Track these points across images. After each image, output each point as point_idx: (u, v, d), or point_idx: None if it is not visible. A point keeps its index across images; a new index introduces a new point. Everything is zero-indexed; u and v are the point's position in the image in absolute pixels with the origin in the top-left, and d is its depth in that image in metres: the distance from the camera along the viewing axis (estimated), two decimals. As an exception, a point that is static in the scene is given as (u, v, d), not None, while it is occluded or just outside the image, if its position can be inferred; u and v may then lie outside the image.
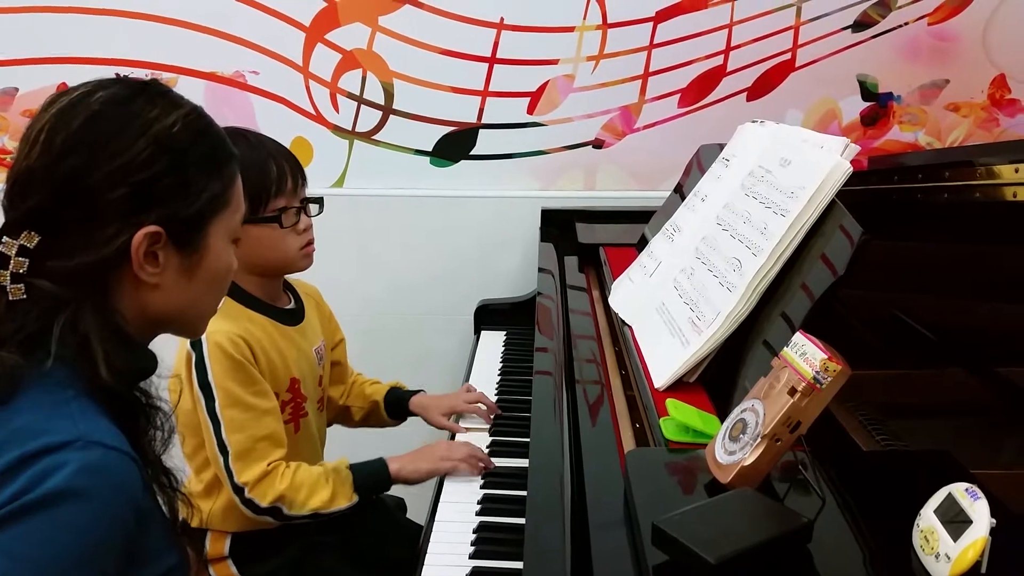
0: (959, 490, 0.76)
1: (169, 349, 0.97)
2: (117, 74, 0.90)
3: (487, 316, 2.05)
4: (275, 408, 1.37)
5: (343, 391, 1.67)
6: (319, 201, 1.44)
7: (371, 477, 1.41)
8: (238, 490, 1.32)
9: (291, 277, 1.52)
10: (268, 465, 1.33)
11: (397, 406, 1.66)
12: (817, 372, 0.84)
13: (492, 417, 1.59)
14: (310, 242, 1.42)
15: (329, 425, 1.67)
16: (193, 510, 0.99)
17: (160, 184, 0.84)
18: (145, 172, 0.83)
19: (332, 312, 1.63)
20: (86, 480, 0.74)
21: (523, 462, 1.27)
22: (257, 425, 1.33)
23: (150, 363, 0.91)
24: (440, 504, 1.33)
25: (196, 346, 1.32)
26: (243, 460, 1.32)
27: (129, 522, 0.77)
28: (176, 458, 0.94)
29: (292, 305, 1.50)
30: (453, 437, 1.55)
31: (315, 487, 1.35)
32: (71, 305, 0.81)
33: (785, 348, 0.90)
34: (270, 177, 1.34)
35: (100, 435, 0.77)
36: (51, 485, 0.72)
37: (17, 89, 2.16)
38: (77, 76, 0.90)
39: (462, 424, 1.59)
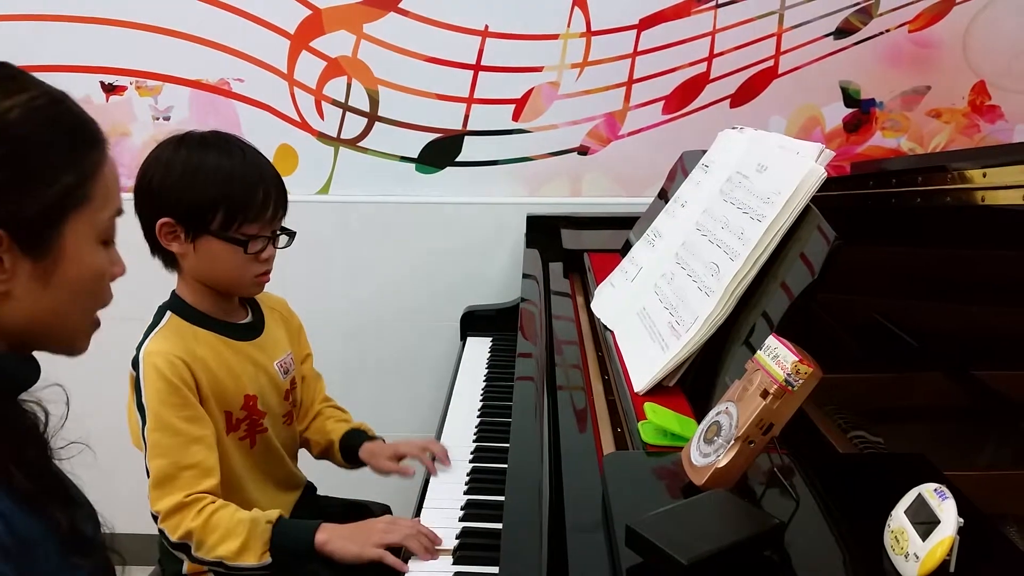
0: (928, 490, 0.77)
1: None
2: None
3: (473, 322, 2.05)
4: (208, 436, 1.31)
5: (305, 421, 1.60)
6: (292, 235, 1.39)
7: (292, 540, 1.27)
8: (154, 518, 1.27)
9: None
10: (186, 497, 1.25)
11: (350, 451, 1.56)
12: (788, 374, 0.85)
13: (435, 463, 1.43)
14: (267, 271, 1.37)
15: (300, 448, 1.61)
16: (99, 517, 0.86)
17: None
18: None
19: (302, 324, 1.58)
20: None
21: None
22: (182, 453, 1.27)
23: (25, 372, 0.80)
24: (423, 509, 1.32)
25: (136, 366, 1.29)
26: (160, 488, 1.26)
27: None
28: (78, 466, 0.83)
29: (249, 319, 1.45)
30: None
31: (228, 534, 1.25)
32: None
33: (758, 351, 0.91)
34: (254, 200, 1.30)
35: None
36: None
37: None
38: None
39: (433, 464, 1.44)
